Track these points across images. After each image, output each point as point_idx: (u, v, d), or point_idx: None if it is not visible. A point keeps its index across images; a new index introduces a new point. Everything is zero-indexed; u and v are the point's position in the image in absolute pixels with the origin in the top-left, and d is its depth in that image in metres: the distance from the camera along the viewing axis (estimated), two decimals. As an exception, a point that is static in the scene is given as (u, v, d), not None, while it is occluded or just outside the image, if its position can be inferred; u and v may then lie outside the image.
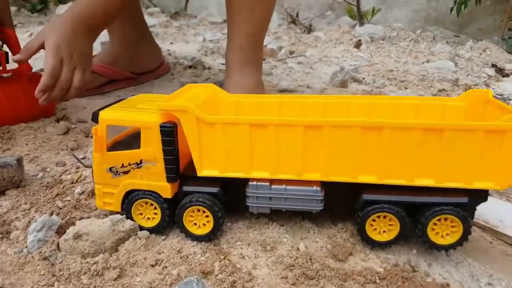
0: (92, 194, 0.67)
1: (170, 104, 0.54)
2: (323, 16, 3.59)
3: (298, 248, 0.54)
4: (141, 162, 0.55)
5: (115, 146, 0.58)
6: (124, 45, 1.24)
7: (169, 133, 0.52)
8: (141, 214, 0.57)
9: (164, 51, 1.57)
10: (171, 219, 0.56)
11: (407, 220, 0.52)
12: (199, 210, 0.54)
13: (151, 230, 0.56)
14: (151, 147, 0.54)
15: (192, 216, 0.55)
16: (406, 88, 1.40)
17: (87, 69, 0.88)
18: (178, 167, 0.55)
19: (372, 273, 0.50)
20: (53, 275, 0.50)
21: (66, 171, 0.74)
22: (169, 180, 0.54)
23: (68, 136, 0.89)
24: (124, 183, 0.56)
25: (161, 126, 0.52)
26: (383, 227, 0.53)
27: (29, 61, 0.90)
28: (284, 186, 0.53)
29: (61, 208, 0.62)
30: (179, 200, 0.56)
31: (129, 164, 0.55)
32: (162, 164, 0.54)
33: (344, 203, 0.55)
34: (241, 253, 0.53)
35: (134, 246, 0.53)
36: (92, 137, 0.89)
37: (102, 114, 0.55)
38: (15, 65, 0.92)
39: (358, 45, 2.17)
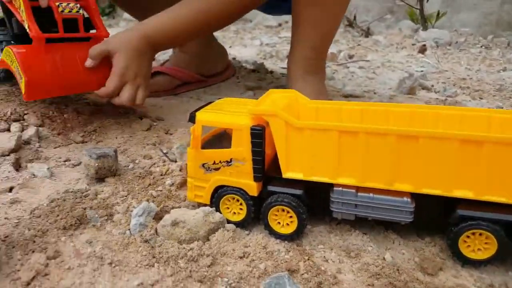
0: (181, 186, 0.73)
1: (261, 108, 0.59)
2: (382, 20, 3.54)
3: (384, 257, 0.56)
4: (231, 161, 0.60)
5: (205, 144, 0.64)
6: (195, 50, 1.32)
7: (258, 135, 0.58)
8: (228, 208, 0.63)
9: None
10: (255, 215, 0.61)
11: (505, 240, 0.51)
12: (283, 210, 0.59)
13: (237, 224, 0.61)
14: (241, 148, 0.59)
15: (276, 215, 0.59)
16: (481, 98, 1.36)
17: (147, 87, 0.96)
18: (264, 167, 0.59)
19: (465, 290, 0.51)
20: (153, 257, 0.56)
21: (154, 164, 0.81)
22: (255, 179, 0.60)
23: (151, 132, 0.97)
24: (214, 178, 0.62)
25: (251, 129, 0.58)
26: (478, 245, 0.53)
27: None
28: (371, 195, 0.56)
29: (155, 197, 0.69)
30: (263, 199, 0.60)
31: (220, 162, 0.61)
32: (250, 164, 0.59)
33: (434, 216, 0.56)
34: (324, 256, 0.57)
35: (223, 237, 0.59)
36: (171, 134, 0.97)
37: (199, 116, 0.62)
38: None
39: (422, 50, 2.13)
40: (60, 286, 0.51)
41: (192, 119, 0.62)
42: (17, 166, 0.77)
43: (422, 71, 1.72)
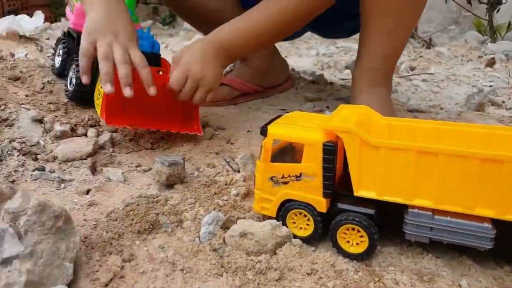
0: (245, 196, 0.75)
1: (335, 124, 0.59)
2: (445, 31, 3.40)
3: (459, 284, 0.54)
4: (300, 175, 0.61)
5: (273, 157, 0.64)
6: (258, 62, 1.34)
7: (331, 151, 0.58)
8: (294, 222, 0.63)
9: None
10: (322, 232, 0.61)
11: None
12: (353, 229, 0.58)
13: (303, 239, 0.61)
14: (312, 163, 0.59)
15: (345, 233, 0.59)
16: None
17: (213, 90, 0.95)
18: (334, 184, 0.59)
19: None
20: (222, 266, 0.58)
21: (218, 173, 0.83)
22: (325, 195, 0.60)
23: (213, 141, 0.99)
24: (282, 192, 0.63)
25: (323, 145, 0.58)
26: None
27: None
28: (449, 218, 0.54)
29: (221, 206, 0.71)
30: (331, 215, 0.60)
31: (289, 176, 0.62)
32: (320, 179, 0.59)
33: None
34: (395, 279, 0.56)
35: (290, 252, 0.59)
36: (232, 143, 0.99)
37: (270, 129, 0.63)
38: None
39: (491, 63, 2.03)
40: (136, 288, 0.53)
41: (263, 132, 0.63)
42: (93, 170, 0.82)
43: (491, 86, 1.64)
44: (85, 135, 0.91)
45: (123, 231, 0.63)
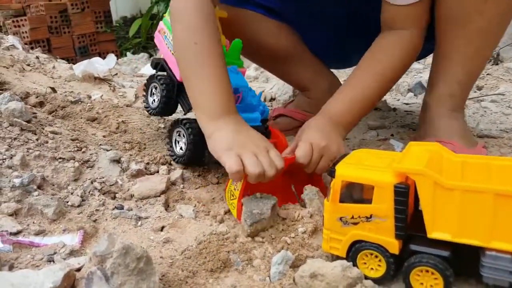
0: (312, 233, 0.75)
1: (408, 166, 0.58)
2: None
3: None
4: (370, 217, 0.60)
5: (341, 196, 0.64)
6: (318, 93, 1.34)
7: (403, 194, 0.57)
8: (365, 263, 0.63)
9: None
10: (394, 273, 0.60)
11: None
12: (427, 271, 0.57)
13: (374, 280, 0.60)
14: (383, 205, 0.59)
15: (419, 275, 0.57)
16: None
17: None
18: (407, 225, 0.58)
19: None
20: (293, 307, 0.58)
21: (286, 209, 0.84)
22: (398, 237, 0.59)
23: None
24: (352, 233, 0.62)
25: (395, 187, 0.57)
26: None
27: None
28: None
29: (289, 244, 0.72)
30: (404, 257, 0.59)
31: (359, 217, 0.61)
32: (392, 221, 0.58)
33: None
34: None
35: (362, 294, 0.58)
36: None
37: (339, 170, 0.63)
38: None
39: None
40: (212, 328, 0.55)
41: (332, 173, 0.63)
42: (166, 206, 0.87)
43: None
44: (157, 172, 0.97)
45: (197, 269, 0.66)
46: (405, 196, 0.57)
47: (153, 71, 1.07)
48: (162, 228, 0.79)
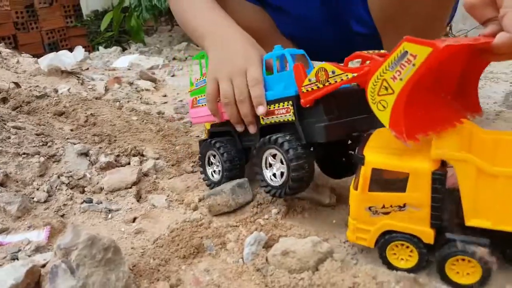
0: (285, 214, 0.75)
1: (448, 153, 0.54)
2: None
3: None
4: (404, 206, 0.56)
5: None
6: None
7: (441, 181, 0.53)
8: (395, 254, 0.59)
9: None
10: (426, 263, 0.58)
11: None
12: (463, 260, 0.54)
13: (407, 271, 0.58)
14: (418, 193, 0.55)
15: (454, 264, 0.55)
16: None
17: None
18: (444, 213, 0.55)
19: None
20: (266, 286, 0.58)
21: (260, 192, 0.84)
22: (434, 226, 0.56)
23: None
24: (382, 223, 0.58)
25: (433, 174, 0.53)
26: None
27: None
28: None
29: (262, 226, 0.72)
30: (437, 246, 0.56)
31: (391, 206, 0.57)
32: (428, 210, 0.55)
33: None
34: (436, 286, 0.55)
35: (332, 267, 0.59)
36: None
37: (369, 157, 0.58)
38: None
39: (531, 55, 1.92)
40: (185, 313, 0.55)
41: (361, 160, 0.58)
42: (138, 198, 0.85)
43: (531, 81, 1.55)
44: (129, 164, 0.95)
45: (169, 257, 0.65)
46: (443, 184, 0.53)
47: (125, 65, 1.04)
48: (134, 220, 0.78)
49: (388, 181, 0.57)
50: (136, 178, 0.87)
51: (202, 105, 0.86)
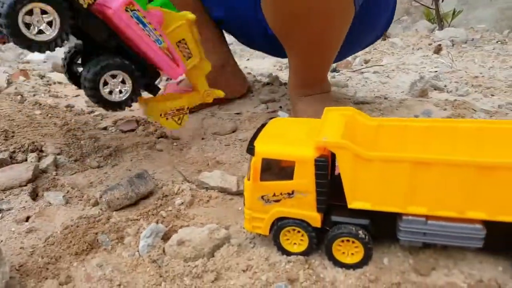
0: (190, 205, 0.75)
1: (328, 140, 0.56)
2: (398, 21, 3.49)
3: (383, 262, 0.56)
4: (292, 193, 0.58)
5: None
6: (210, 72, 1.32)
7: (323, 167, 0.56)
8: (288, 239, 0.61)
9: (242, 69, 1.64)
10: (317, 246, 0.60)
11: None
12: (348, 241, 0.57)
13: (301, 255, 0.60)
14: (304, 180, 0.57)
15: (340, 245, 0.58)
16: (492, 95, 1.34)
17: None
18: (328, 198, 0.58)
19: None
20: (160, 276, 0.57)
21: (166, 184, 0.83)
22: (319, 210, 0.58)
23: (165, 152, 0.99)
24: (274, 210, 0.60)
25: (315, 161, 0.56)
26: None
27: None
28: (441, 223, 0.54)
29: (164, 218, 0.70)
30: (325, 229, 0.59)
31: (281, 194, 0.59)
32: (314, 195, 0.57)
33: (505, 242, 0.54)
34: (323, 264, 0.57)
35: (228, 252, 0.60)
36: (186, 152, 0.99)
37: (258, 148, 0.59)
38: None
39: (438, 50, 2.09)
40: (70, 310, 0.52)
41: (251, 151, 0.59)
42: (34, 196, 0.80)
43: (436, 71, 1.69)
44: (26, 160, 0.89)
45: (60, 254, 0.62)
46: (326, 170, 0.55)
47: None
48: (27, 219, 0.73)
49: (277, 170, 0.59)
50: (31, 175, 0.81)
51: None
